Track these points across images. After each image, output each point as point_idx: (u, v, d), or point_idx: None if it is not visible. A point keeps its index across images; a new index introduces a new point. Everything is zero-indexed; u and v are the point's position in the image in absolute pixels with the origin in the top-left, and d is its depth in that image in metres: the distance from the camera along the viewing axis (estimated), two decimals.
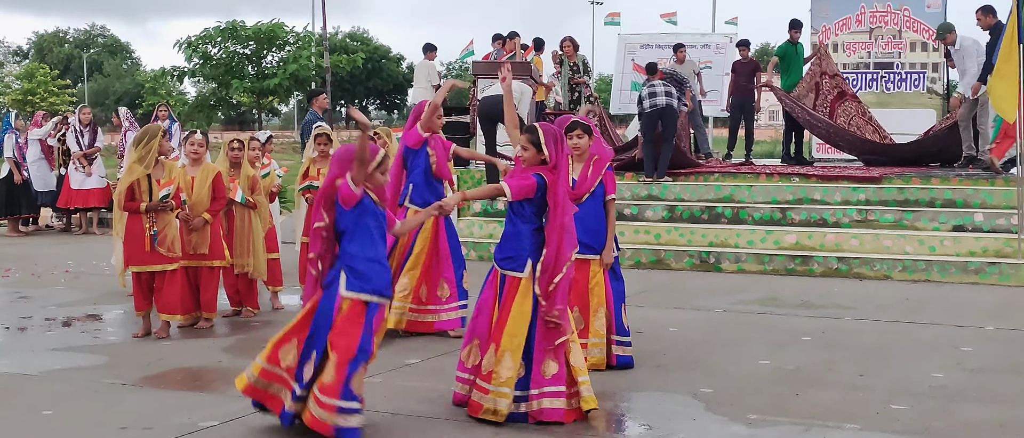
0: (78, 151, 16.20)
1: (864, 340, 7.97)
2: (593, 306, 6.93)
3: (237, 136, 9.31)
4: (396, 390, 6.44)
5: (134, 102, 68.14)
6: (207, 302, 8.59)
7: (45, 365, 7.27)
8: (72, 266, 12.39)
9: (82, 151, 16.20)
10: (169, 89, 53.95)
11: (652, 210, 13.16)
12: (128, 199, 8.02)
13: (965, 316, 8.96)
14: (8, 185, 16.16)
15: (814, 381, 6.70)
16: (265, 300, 9.52)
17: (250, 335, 8.37)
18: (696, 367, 7.10)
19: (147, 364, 7.28)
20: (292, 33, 33.72)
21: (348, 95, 77.21)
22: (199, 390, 6.61)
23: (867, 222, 12.20)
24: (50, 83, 65.76)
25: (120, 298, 9.78)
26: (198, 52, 32.05)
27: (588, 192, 6.92)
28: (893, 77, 18.46)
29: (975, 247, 11.25)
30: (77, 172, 16.09)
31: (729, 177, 13.82)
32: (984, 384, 6.62)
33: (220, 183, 8.53)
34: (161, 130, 8.18)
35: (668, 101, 13.44)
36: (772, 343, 7.89)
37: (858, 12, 18.70)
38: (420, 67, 18.25)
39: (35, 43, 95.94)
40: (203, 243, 8.44)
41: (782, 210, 12.66)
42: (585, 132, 6.96)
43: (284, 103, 57.29)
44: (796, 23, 16.19)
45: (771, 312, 9.28)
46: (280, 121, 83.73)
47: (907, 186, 12.68)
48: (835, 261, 11.40)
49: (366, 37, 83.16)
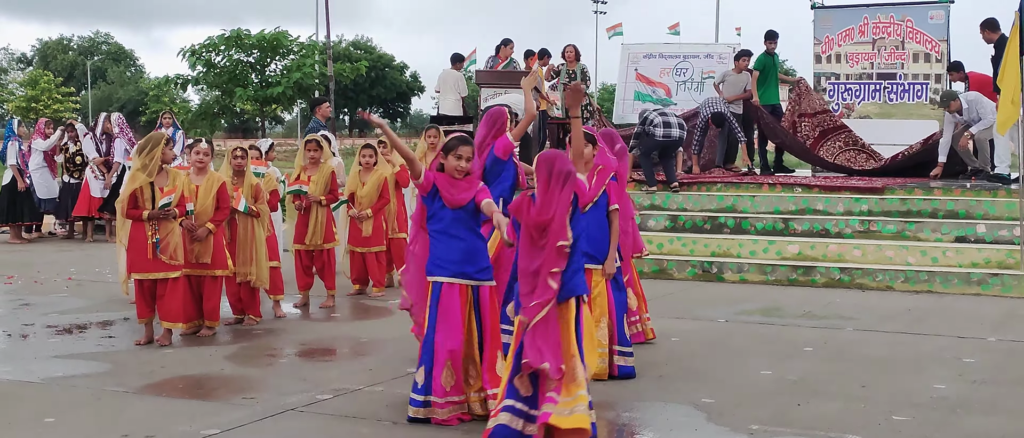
0: (97, 157, 16.21)
1: (866, 351, 7.97)
2: (595, 316, 6.93)
3: (240, 144, 9.35)
4: (398, 399, 6.44)
5: (137, 109, 68.32)
6: (210, 311, 8.60)
7: (47, 372, 7.28)
8: (75, 273, 12.40)
9: (101, 158, 16.21)
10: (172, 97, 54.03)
11: (655, 220, 13.17)
12: (131, 207, 8.04)
13: (967, 327, 8.96)
14: (11, 192, 16.18)
15: (816, 392, 6.70)
16: (267, 308, 9.53)
17: (252, 343, 8.37)
18: (698, 377, 7.10)
19: (149, 372, 7.29)
20: (296, 42, 33.71)
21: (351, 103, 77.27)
22: (201, 398, 6.62)
23: (869, 233, 12.20)
24: (54, 90, 65.91)
25: (123, 305, 9.79)
26: (202, 60, 32.06)
27: (591, 201, 6.92)
28: (896, 88, 18.44)
29: (977, 258, 11.25)
30: (97, 180, 16.09)
31: (731, 187, 13.84)
32: (986, 395, 6.62)
33: (224, 193, 8.54)
34: (164, 138, 8.21)
35: (680, 134, 13.74)
36: (774, 353, 7.89)
37: (861, 23, 18.68)
38: (446, 77, 18.11)
39: (39, 50, 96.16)
40: (206, 252, 8.45)
41: (784, 220, 12.67)
42: (589, 141, 6.97)
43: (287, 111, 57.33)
44: (772, 34, 16.20)
45: (773, 322, 9.28)
46: (283, 129, 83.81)
47: (909, 197, 12.68)
48: (837, 272, 11.40)
49: (370, 45, 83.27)
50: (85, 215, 16.24)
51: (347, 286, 10.82)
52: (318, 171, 9.95)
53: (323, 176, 9.91)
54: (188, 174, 8.54)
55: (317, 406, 6.33)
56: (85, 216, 16.27)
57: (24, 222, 16.41)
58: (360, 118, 14.51)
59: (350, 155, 26.98)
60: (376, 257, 10.68)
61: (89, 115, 66.11)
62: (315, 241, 9.92)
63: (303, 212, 9.92)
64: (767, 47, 16.16)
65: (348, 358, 7.90)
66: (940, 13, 18.24)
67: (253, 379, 7.11)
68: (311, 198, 9.85)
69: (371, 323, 9.35)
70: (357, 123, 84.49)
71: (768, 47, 16.16)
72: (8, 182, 16.23)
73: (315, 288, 10.18)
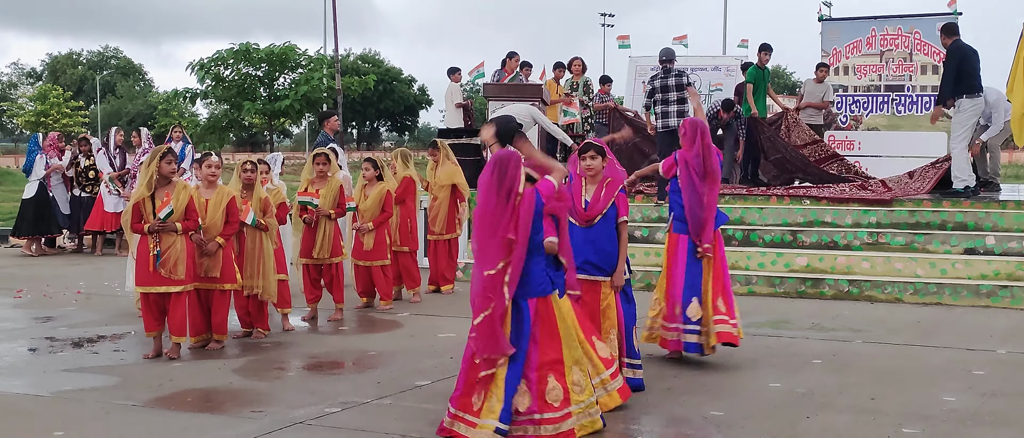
0: (111, 172, 16.28)
1: (875, 363, 7.95)
2: (605, 329, 6.93)
3: (249, 158, 9.36)
4: (406, 412, 6.44)
5: (147, 123, 68.53)
6: (218, 324, 8.61)
7: (56, 386, 7.29)
8: (84, 287, 12.43)
9: (115, 172, 16.27)
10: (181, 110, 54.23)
11: (663, 232, 13.14)
12: (135, 220, 8.07)
13: (977, 339, 8.93)
14: (37, 205, 16.28)
15: (825, 404, 6.68)
16: (275, 322, 9.54)
17: (261, 356, 8.38)
18: (706, 390, 7.09)
19: (158, 385, 7.30)
20: (304, 55, 33.85)
21: (359, 117, 77.51)
22: (210, 411, 6.62)
23: (878, 245, 12.17)
24: (63, 104, 66.22)
25: (132, 319, 9.81)
26: (210, 74, 32.20)
27: (600, 213, 6.93)
28: (904, 100, 18.44)
29: (987, 270, 11.22)
30: (111, 195, 16.15)
31: (739, 199, 13.82)
32: (996, 408, 6.60)
33: (234, 207, 8.56)
34: (161, 152, 8.22)
35: (681, 121, 13.33)
36: (783, 366, 7.87)
37: (868, 34, 18.69)
38: (448, 92, 18.29)
39: (49, 65, 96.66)
40: (215, 266, 8.46)
41: (793, 232, 12.65)
42: (598, 153, 6.98)
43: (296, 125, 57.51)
44: (766, 46, 16.17)
45: (782, 335, 9.27)
46: (292, 143, 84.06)
47: (918, 209, 12.66)
48: (846, 284, 11.38)
49: (378, 59, 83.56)
50: (97, 229, 16.30)
51: (356, 299, 10.83)
52: (326, 185, 9.97)
53: (331, 190, 9.93)
54: (197, 188, 8.57)
55: (325, 419, 6.33)
56: (96, 230, 16.33)
57: (51, 234, 16.61)
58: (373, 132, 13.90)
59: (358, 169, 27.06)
60: (382, 270, 10.68)
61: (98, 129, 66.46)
62: (322, 254, 9.93)
63: (311, 226, 9.93)
64: (760, 59, 16.11)
65: (356, 371, 7.90)
66: None
67: (261, 392, 7.12)
68: (320, 212, 9.86)
69: (379, 336, 9.35)
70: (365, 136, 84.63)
71: (761, 59, 16.12)
72: (33, 195, 16.30)
73: (324, 301, 10.19)
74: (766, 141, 15.67)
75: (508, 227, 5.58)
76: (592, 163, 6.94)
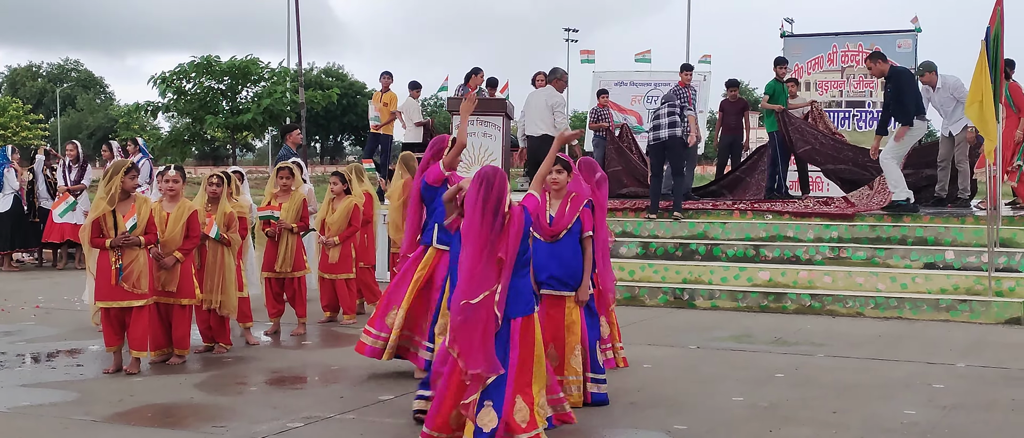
0: (63, 186, 16.11)
1: (837, 377, 8.00)
2: (570, 344, 6.91)
3: (222, 171, 9.30)
4: (370, 427, 6.41)
5: (107, 137, 67.86)
6: (179, 339, 8.52)
7: (14, 401, 7.19)
8: (42, 302, 12.28)
9: (68, 187, 16.10)
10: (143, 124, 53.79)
11: (626, 247, 13.18)
12: (95, 235, 7.98)
13: (937, 353, 9.01)
14: (13, 218, 16.10)
15: (788, 418, 6.71)
16: (237, 336, 9.46)
17: (222, 371, 8.31)
18: (670, 404, 7.10)
19: (118, 400, 7.21)
20: (267, 68, 33.68)
21: (323, 131, 77.16)
22: (171, 427, 6.55)
23: (840, 259, 12.26)
24: (23, 117, 65.41)
25: (91, 334, 9.69)
26: (172, 87, 31.96)
27: (565, 229, 6.90)
28: (865, 116, 18.63)
29: (946, 284, 11.33)
30: (59, 207, 15.98)
31: (703, 214, 13.88)
32: (956, 421, 6.65)
33: (195, 221, 8.48)
34: (125, 166, 8.14)
35: (671, 132, 13.28)
36: (746, 380, 7.90)
37: (829, 51, 18.90)
38: (405, 105, 18.28)
39: (7, 77, 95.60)
40: (172, 281, 8.38)
41: (755, 247, 12.72)
42: (564, 168, 6.97)
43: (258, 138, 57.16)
44: (781, 60, 16.22)
45: (745, 349, 9.30)
46: (254, 156, 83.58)
47: (879, 224, 12.77)
48: (808, 298, 11.45)
49: (341, 72, 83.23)
50: (57, 241, 16.13)
51: (319, 314, 10.76)
52: (289, 198, 9.92)
53: (294, 204, 9.88)
54: (159, 201, 8.48)
55: (288, 434, 6.28)
56: (56, 243, 16.15)
57: (27, 248, 16.53)
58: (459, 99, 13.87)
59: (321, 182, 26.92)
60: (346, 284, 10.64)
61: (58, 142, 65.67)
62: (285, 268, 9.87)
63: (274, 239, 9.87)
64: (777, 73, 16.09)
65: (319, 386, 7.85)
66: (908, 41, 18.49)
67: (223, 407, 7.05)
68: (282, 225, 9.81)
69: (342, 350, 9.29)
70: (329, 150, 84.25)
71: (778, 73, 16.10)
72: (8, 209, 16.08)
73: (286, 315, 10.12)
74: (794, 132, 15.35)
75: (499, 246, 5.48)
76: (557, 177, 6.92)
